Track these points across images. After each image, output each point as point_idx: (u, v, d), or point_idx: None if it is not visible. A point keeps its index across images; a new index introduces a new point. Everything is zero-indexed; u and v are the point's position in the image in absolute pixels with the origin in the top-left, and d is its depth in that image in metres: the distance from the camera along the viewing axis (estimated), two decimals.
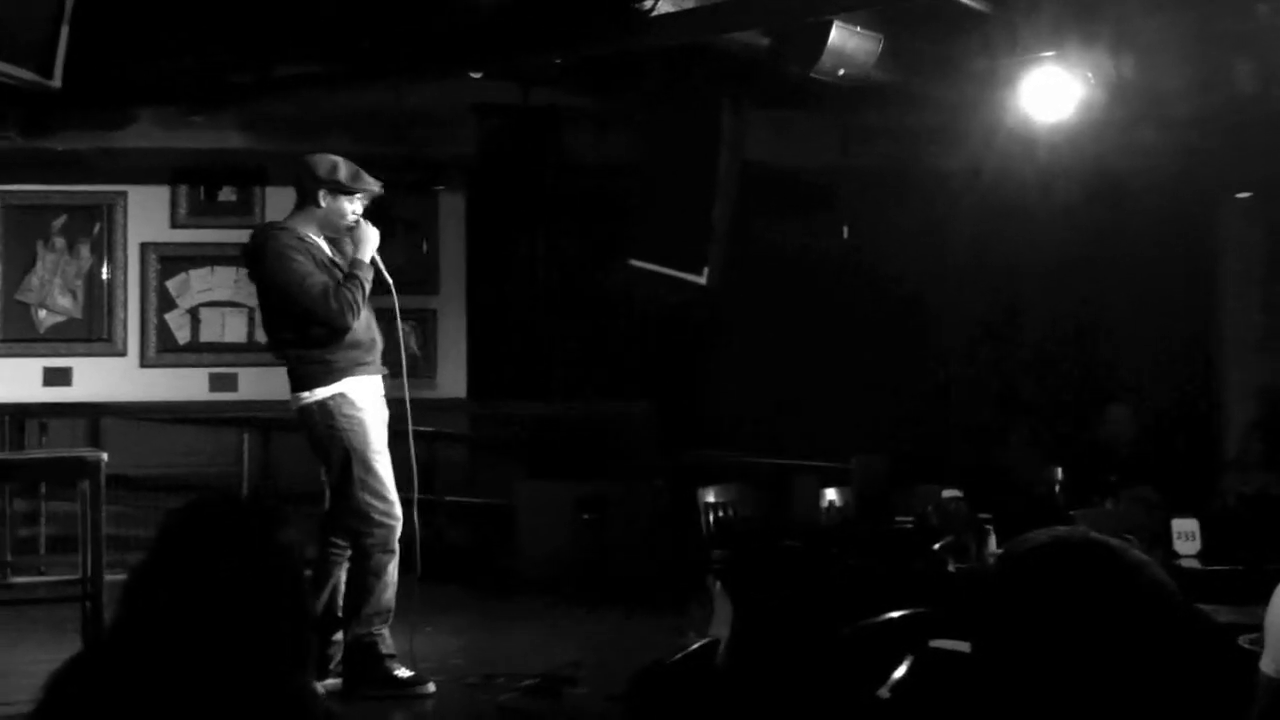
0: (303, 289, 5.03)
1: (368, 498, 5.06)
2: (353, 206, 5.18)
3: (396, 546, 5.14)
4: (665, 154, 6.91)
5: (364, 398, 5.12)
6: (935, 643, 3.56)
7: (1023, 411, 9.12)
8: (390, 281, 5.26)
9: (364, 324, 5.18)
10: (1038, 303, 9.04)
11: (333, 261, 5.17)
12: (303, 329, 5.10)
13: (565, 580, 7.53)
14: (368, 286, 5.12)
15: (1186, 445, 8.19)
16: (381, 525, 5.08)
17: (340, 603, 5.18)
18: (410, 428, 5.31)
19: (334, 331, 5.06)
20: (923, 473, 6.62)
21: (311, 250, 5.12)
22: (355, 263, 5.14)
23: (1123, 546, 1.59)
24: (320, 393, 5.07)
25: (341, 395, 5.07)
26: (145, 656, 1.74)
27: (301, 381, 5.11)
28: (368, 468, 5.06)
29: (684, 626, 5.68)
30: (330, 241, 5.26)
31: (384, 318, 5.37)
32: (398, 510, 5.13)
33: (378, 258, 5.23)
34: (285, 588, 1.82)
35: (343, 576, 5.18)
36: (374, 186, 5.22)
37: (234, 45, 6.77)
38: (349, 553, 5.17)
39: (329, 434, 5.08)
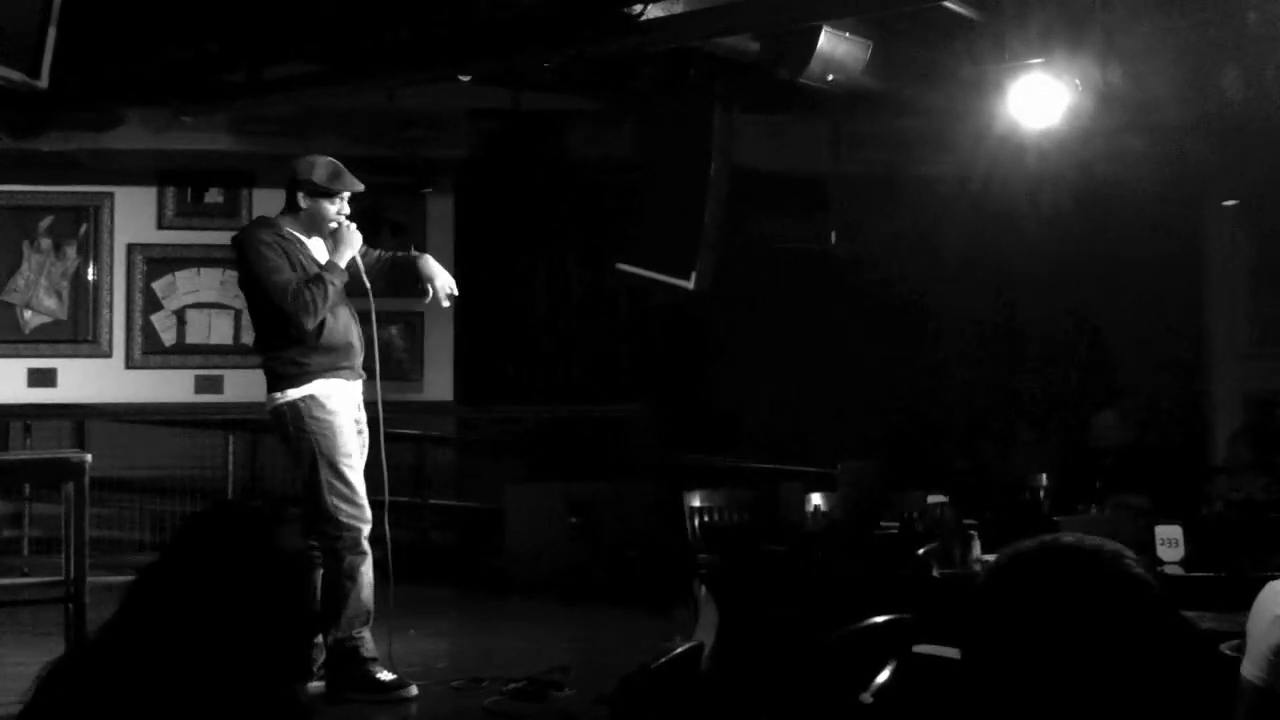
0: (268, 283, 5.03)
1: (335, 500, 5.04)
2: (335, 208, 5.13)
3: (368, 548, 5.12)
4: (656, 157, 6.92)
5: (335, 401, 5.10)
6: (919, 648, 3.57)
7: (1016, 415, 9.14)
8: (369, 285, 5.24)
9: (341, 327, 5.15)
10: (1029, 308, 9.06)
11: (315, 261, 5.15)
12: (277, 327, 5.10)
13: (554, 582, 7.53)
14: (333, 290, 5.05)
15: (1175, 451, 8.20)
16: (350, 528, 5.06)
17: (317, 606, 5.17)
18: (382, 430, 5.28)
19: (297, 332, 5.04)
20: (911, 478, 6.62)
21: (288, 246, 5.09)
22: (327, 265, 5.09)
23: (1113, 551, 1.60)
24: (291, 394, 5.07)
25: (311, 397, 5.06)
26: (138, 657, 1.73)
27: (275, 382, 5.11)
28: (335, 471, 5.05)
29: (670, 630, 5.68)
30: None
31: (369, 321, 5.36)
32: (367, 513, 5.12)
33: (359, 260, 5.21)
34: (286, 593, 1.81)
35: (318, 579, 5.17)
36: (352, 187, 5.15)
37: (225, 45, 6.76)
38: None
39: (298, 436, 5.07)
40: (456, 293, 5.46)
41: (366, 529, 5.11)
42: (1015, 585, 1.59)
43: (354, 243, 5.15)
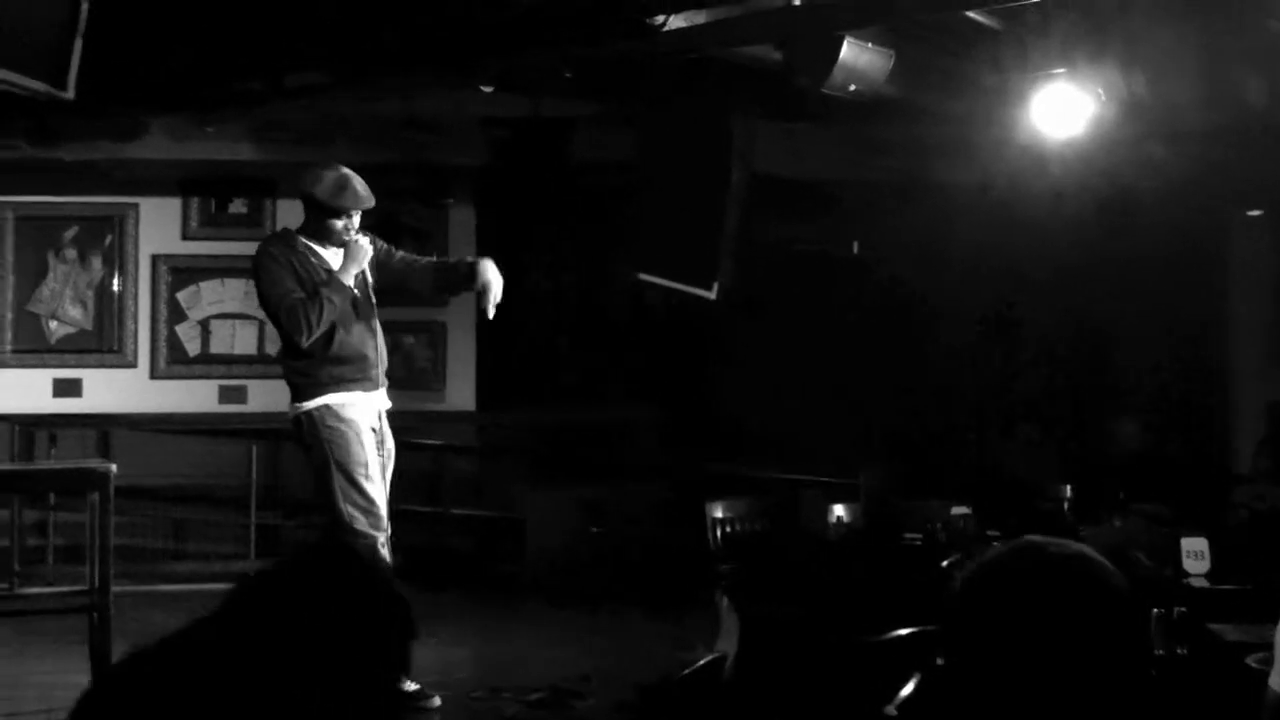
0: (269, 298, 5.12)
1: (350, 509, 5.07)
2: (341, 224, 5.11)
3: (387, 556, 5.14)
4: (675, 165, 6.90)
5: (350, 411, 5.13)
6: (943, 660, 3.55)
7: (1033, 423, 9.10)
8: (374, 301, 5.26)
9: (355, 340, 5.17)
10: (1048, 315, 9.03)
11: (329, 272, 5.16)
12: (287, 340, 5.17)
13: (573, 590, 7.53)
14: (329, 306, 5.05)
15: (1196, 460, 8.17)
16: (365, 536, 5.08)
17: None
18: (374, 440, 5.30)
19: (299, 347, 5.08)
20: (932, 488, 6.60)
21: (297, 259, 5.11)
22: (328, 280, 5.09)
23: (1077, 552, 1.68)
24: (307, 404, 5.13)
25: (326, 408, 5.10)
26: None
27: (294, 392, 5.20)
28: (350, 479, 5.08)
29: (690, 639, 5.68)
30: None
31: (388, 330, 5.37)
32: (384, 523, 5.14)
33: (368, 272, 5.23)
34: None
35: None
36: (357, 205, 5.09)
37: (243, 55, 6.79)
38: None
39: (314, 444, 5.12)
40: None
41: (383, 537, 5.13)
42: (988, 589, 1.67)
43: (360, 258, 5.15)
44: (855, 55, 5.62)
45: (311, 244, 5.16)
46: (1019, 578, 1.66)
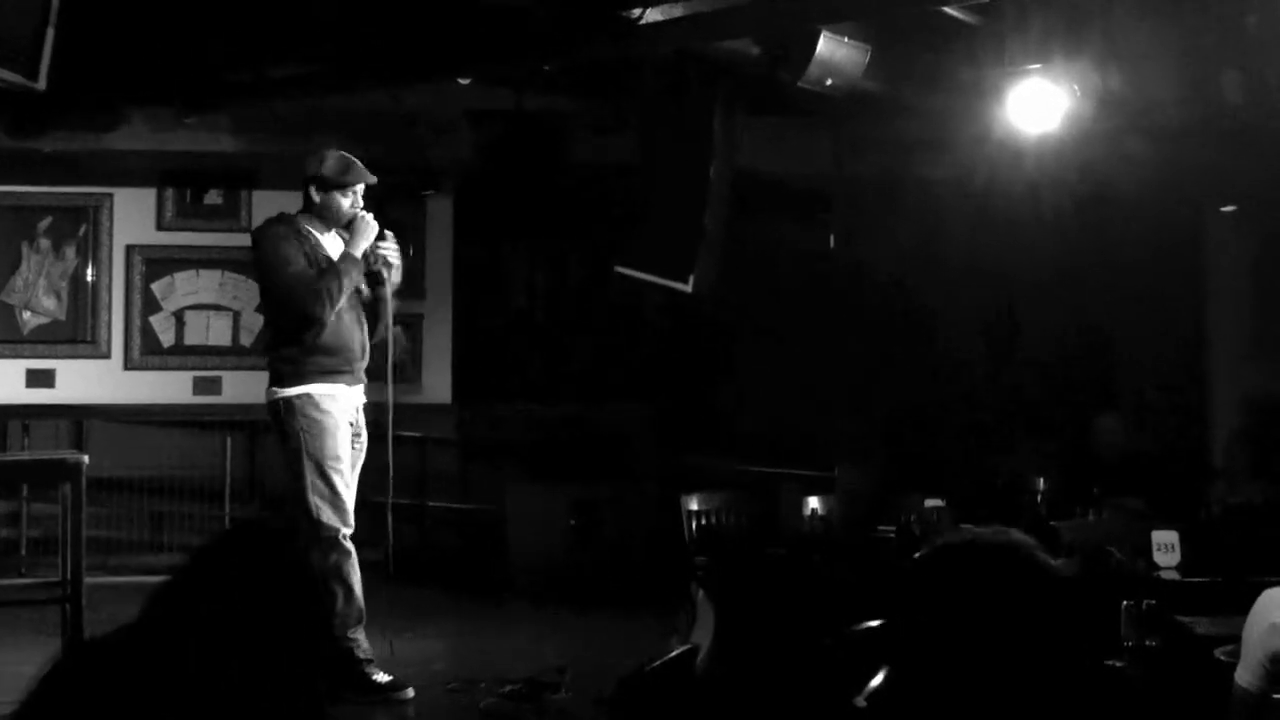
0: (282, 275, 5.11)
1: (317, 500, 5.07)
2: (348, 201, 5.20)
3: (351, 547, 5.13)
4: (657, 160, 6.91)
5: (330, 403, 5.13)
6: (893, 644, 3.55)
7: (1016, 418, 9.12)
8: (385, 275, 5.27)
9: (343, 330, 5.18)
10: (1029, 312, 9.05)
11: (329, 258, 5.17)
12: (280, 323, 5.18)
13: (554, 585, 7.53)
14: (347, 281, 5.11)
15: (1174, 455, 8.19)
16: (329, 529, 5.09)
17: None
18: (391, 432, 5.30)
19: (308, 324, 5.06)
20: (912, 482, 6.62)
21: (305, 242, 5.14)
22: (342, 256, 5.15)
23: (1023, 543, 1.79)
24: (287, 391, 5.13)
25: (306, 396, 5.10)
26: (148, 661, 1.76)
27: (275, 378, 5.20)
28: (320, 471, 5.08)
29: (668, 632, 5.68)
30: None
31: (367, 319, 5.36)
32: (349, 518, 5.14)
33: (385, 248, 5.25)
34: (308, 601, 1.86)
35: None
36: (363, 179, 5.23)
37: (227, 46, 6.77)
38: None
39: (288, 432, 5.12)
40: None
41: (347, 531, 5.13)
42: (926, 576, 1.79)
43: (369, 233, 5.20)
44: (831, 50, 5.64)
45: (312, 228, 5.19)
46: (951, 565, 1.78)
